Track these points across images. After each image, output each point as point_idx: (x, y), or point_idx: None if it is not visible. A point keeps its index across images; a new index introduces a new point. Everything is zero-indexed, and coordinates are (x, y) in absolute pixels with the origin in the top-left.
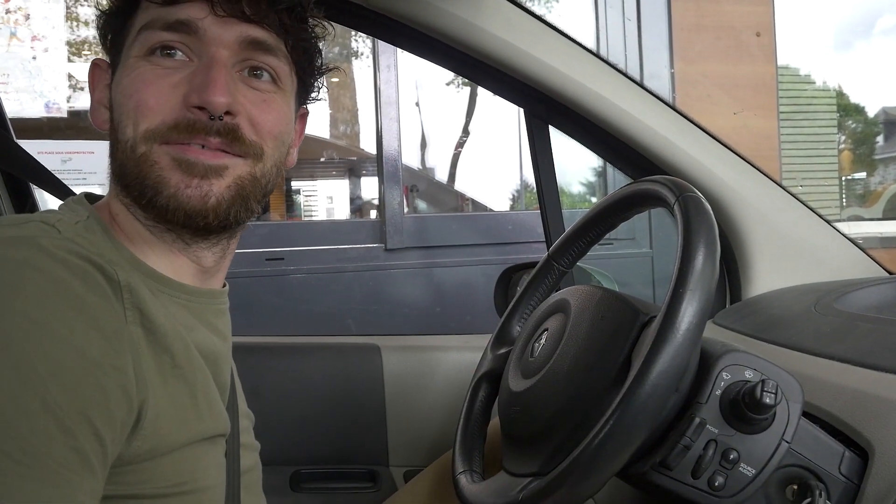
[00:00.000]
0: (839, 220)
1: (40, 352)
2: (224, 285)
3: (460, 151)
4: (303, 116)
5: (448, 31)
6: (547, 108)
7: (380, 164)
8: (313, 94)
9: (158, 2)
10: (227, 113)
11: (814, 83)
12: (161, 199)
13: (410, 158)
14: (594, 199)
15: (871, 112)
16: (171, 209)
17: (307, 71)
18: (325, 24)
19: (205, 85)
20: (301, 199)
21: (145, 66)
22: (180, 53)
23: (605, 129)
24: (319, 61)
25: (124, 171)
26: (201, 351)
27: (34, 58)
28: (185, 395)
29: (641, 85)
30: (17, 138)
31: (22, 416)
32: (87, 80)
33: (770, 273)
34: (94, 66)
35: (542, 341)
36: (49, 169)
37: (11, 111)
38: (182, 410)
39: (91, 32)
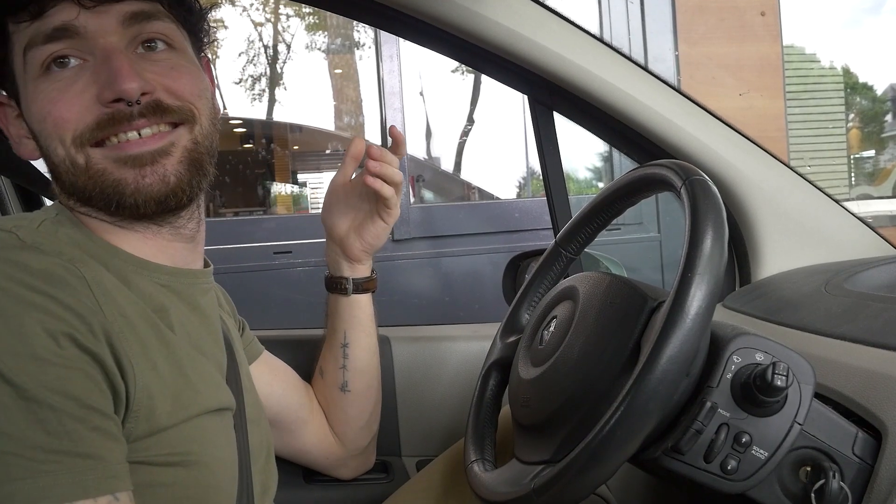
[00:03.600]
0: (848, 200)
1: (23, 369)
2: (207, 265)
3: (465, 140)
4: (206, 64)
5: (449, 19)
6: (551, 94)
7: None
8: (206, 40)
9: (25, 19)
10: (143, 94)
11: (820, 62)
12: (127, 200)
13: (416, 148)
14: (601, 185)
15: (880, 89)
16: (140, 204)
17: (192, 22)
18: None
19: (111, 78)
20: (308, 191)
21: (47, 85)
22: (73, 60)
23: (610, 113)
24: (197, 6)
25: (78, 188)
26: (183, 329)
27: None
28: (176, 374)
29: (645, 68)
30: None
31: (38, 423)
32: None
33: (779, 255)
34: (2, 104)
35: (552, 329)
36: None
37: None
38: (175, 388)
39: None
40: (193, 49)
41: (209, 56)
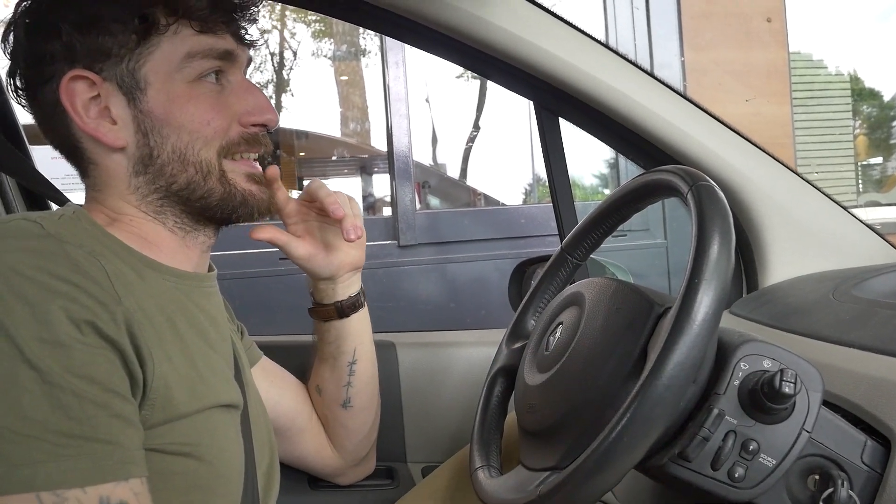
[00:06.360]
0: (856, 206)
1: (48, 354)
2: (211, 269)
3: (471, 146)
4: None
5: (455, 25)
6: (557, 100)
7: (391, 160)
8: None
9: (196, 29)
10: None
11: (827, 68)
12: (245, 209)
13: (421, 154)
14: (607, 192)
15: (888, 96)
16: (248, 214)
17: None
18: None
19: (260, 107)
20: None
21: (201, 90)
22: (223, 79)
23: (616, 119)
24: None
25: (196, 188)
26: (193, 328)
27: None
28: (189, 367)
29: (651, 74)
30: (31, 144)
31: (60, 408)
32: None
33: (786, 261)
34: (79, 78)
35: (557, 335)
36: (63, 174)
37: (25, 119)
38: (189, 380)
39: None
40: None
41: None
